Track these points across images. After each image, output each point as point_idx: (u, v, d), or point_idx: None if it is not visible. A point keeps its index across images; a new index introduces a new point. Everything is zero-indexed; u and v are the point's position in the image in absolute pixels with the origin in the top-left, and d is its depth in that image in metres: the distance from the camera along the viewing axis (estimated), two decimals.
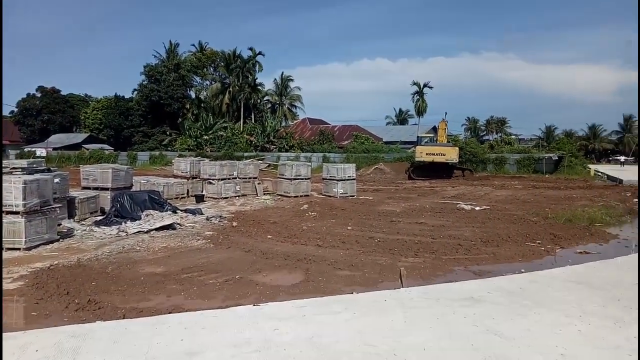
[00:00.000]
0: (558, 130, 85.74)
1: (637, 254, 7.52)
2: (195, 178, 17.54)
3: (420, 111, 66.45)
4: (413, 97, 68.27)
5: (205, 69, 63.08)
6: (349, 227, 11.13)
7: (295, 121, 64.02)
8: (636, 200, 17.89)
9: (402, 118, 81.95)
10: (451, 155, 29.80)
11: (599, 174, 35.76)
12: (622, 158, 68.00)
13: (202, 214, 12.12)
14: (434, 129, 40.07)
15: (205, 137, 48.49)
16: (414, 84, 67.53)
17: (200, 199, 15.58)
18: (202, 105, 57.98)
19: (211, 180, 16.64)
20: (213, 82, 62.04)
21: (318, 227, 11.19)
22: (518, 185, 25.39)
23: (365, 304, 4.60)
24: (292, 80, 64.75)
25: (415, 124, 68.03)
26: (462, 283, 5.54)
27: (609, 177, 31.84)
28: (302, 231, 10.53)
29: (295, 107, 65.42)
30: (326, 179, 18.41)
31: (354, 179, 18.55)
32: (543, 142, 74.55)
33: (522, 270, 6.88)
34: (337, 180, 17.85)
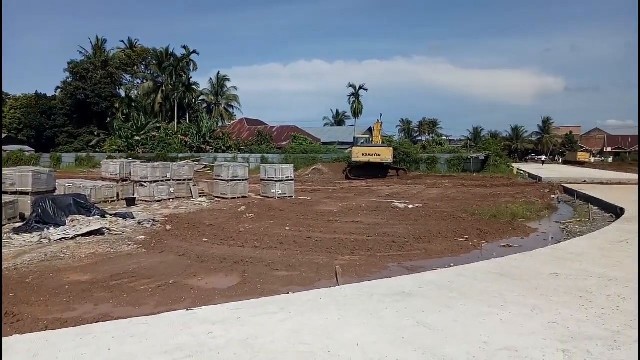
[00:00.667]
0: (485, 131, 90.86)
1: (551, 245, 8.15)
2: (126, 181, 16.79)
3: (357, 112, 67.78)
4: (349, 98, 69.53)
5: (135, 67, 60.48)
6: (287, 228, 11.13)
7: (232, 121, 63.02)
8: (553, 195, 19.37)
9: (339, 119, 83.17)
10: (386, 155, 30.64)
11: (521, 172, 38.29)
12: (544, 157, 73.30)
13: (133, 217, 11.61)
14: (370, 130, 40.98)
15: (137, 137, 46.50)
16: (350, 85, 68.80)
17: (131, 202, 14.92)
18: (133, 104, 55.48)
19: (143, 183, 15.99)
20: (144, 81, 59.61)
21: (256, 228, 11.09)
22: (448, 183, 26.60)
23: (301, 303, 4.62)
24: (228, 80, 63.69)
25: (352, 125, 69.34)
26: (395, 279, 5.71)
27: (530, 175, 34.19)
28: (239, 233, 10.39)
29: (232, 107, 64.39)
30: (264, 180, 18.29)
31: (292, 180, 18.58)
32: (471, 142, 78.57)
33: (451, 265, 7.23)
34: (276, 181, 17.79)
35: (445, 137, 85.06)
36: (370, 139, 33.98)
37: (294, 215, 13.29)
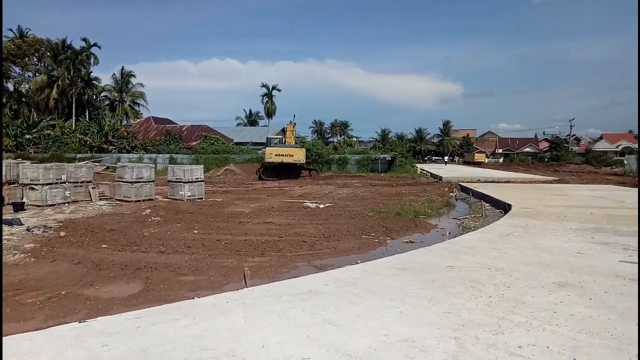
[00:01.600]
0: (392, 133, 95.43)
1: (448, 240, 8.76)
2: (13, 183, 15.20)
3: (270, 113, 67.64)
4: (263, 99, 69.15)
5: (27, 59, 55.01)
6: (195, 231, 10.78)
7: (138, 120, 59.74)
8: (452, 194, 20.81)
9: (252, 119, 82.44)
10: (299, 156, 30.91)
11: (424, 172, 40.69)
12: (446, 158, 78.64)
13: (21, 224, 10.55)
14: (283, 131, 41.12)
15: (28, 136, 42.40)
16: (263, 86, 68.48)
17: (19, 207, 13.52)
18: (24, 99, 50.44)
19: (33, 186, 14.58)
20: (37, 74, 54.41)
21: (162, 232, 10.61)
22: (358, 183, 27.49)
23: (206, 308, 4.49)
24: (134, 76, 60.30)
25: (266, 126, 69.01)
26: (303, 278, 5.77)
27: (432, 175, 36.44)
28: (143, 238, 9.86)
29: (138, 105, 61.10)
30: (172, 182, 17.56)
31: (202, 181, 18.03)
32: (379, 144, 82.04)
33: (358, 261, 7.46)
34: (184, 182, 17.15)
35: (355, 139, 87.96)
36: (284, 140, 34.07)
37: (203, 217, 12.91)
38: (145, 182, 16.62)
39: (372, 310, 4.40)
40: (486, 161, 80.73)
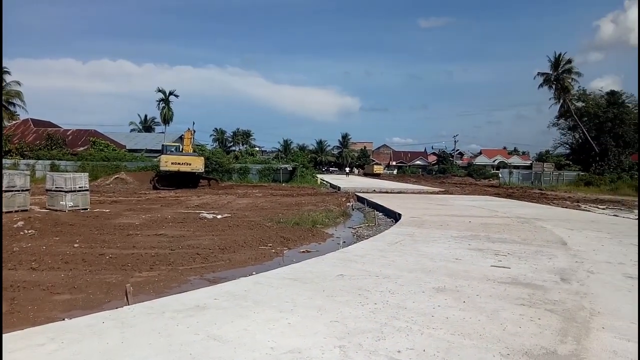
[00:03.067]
0: (294, 143, 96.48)
1: (341, 249, 9.01)
2: None
3: (167, 119, 64.71)
4: (159, 104, 65.91)
5: None
6: (75, 245, 9.87)
7: (13, 122, 53.66)
8: (348, 204, 21.52)
9: (147, 125, 78.32)
10: (197, 164, 29.94)
11: (324, 182, 41.68)
12: (347, 169, 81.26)
13: None
14: (181, 138, 39.56)
15: None
16: (159, 90, 65.32)
17: None
18: None
19: None
20: None
21: (35, 246, 9.56)
22: (258, 193, 27.31)
23: (78, 329, 4.10)
24: (8, 72, 54.01)
25: (162, 132, 65.92)
26: (192, 292, 5.53)
27: (331, 185, 37.44)
28: (12, 253, 8.80)
29: (14, 105, 54.79)
30: (51, 191, 15.97)
31: (87, 190, 16.64)
32: (282, 154, 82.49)
33: (253, 273, 7.35)
34: (66, 191, 15.69)
35: (258, 148, 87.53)
36: (181, 148, 32.79)
37: (86, 230, 11.88)
38: (18, 191, 14.91)
39: (260, 323, 4.33)
40: (385, 173, 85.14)
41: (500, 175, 52.33)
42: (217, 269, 8.27)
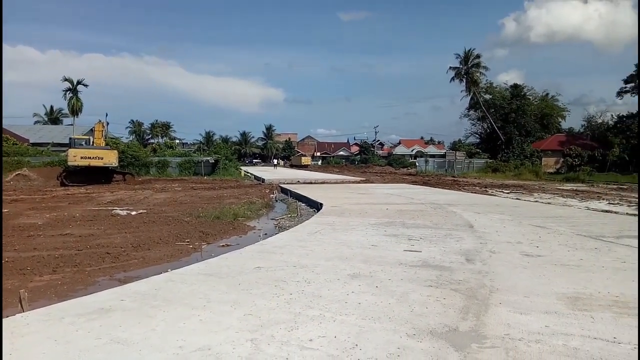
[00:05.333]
0: (216, 135, 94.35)
1: (261, 240, 8.94)
2: None
3: (75, 110, 60.21)
4: (65, 94, 61.08)
5: None
6: None
7: None
8: (272, 195, 21.44)
9: (54, 117, 72.50)
10: (110, 158, 28.25)
11: (248, 174, 41.18)
12: (275, 161, 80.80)
13: None
14: (92, 131, 37.05)
15: None
16: (66, 79, 60.50)
17: None
18: None
19: None
20: None
21: None
22: (178, 187, 26.36)
23: None
24: None
25: (71, 125, 61.32)
26: (96, 295, 5.19)
27: (256, 177, 37.09)
28: None
29: None
30: None
31: None
32: (204, 146, 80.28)
33: (169, 270, 7.06)
34: None
35: (178, 141, 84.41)
36: (92, 141, 30.70)
37: None
38: None
39: (170, 322, 4.17)
40: (312, 164, 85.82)
41: (417, 164, 54.95)
42: (129, 268, 7.86)
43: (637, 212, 14.04)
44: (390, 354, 3.53)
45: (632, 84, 54.00)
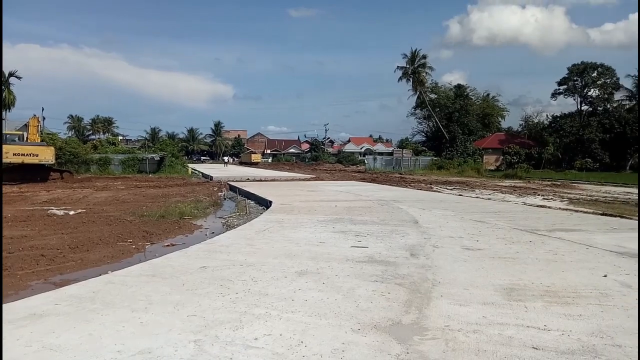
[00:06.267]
0: (163, 132, 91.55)
1: (208, 239, 8.77)
2: None
3: (7, 104, 56.42)
4: None
5: None
6: None
7: None
8: (220, 193, 21.08)
9: None
10: (46, 155, 26.71)
11: (196, 172, 40.28)
12: (226, 158, 79.22)
13: None
14: (26, 126, 34.85)
15: None
16: None
17: None
18: None
19: None
20: None
21: None
22: (121, 185, 25.35)
23: None
24: None
25: (3, 119, 57.37)
26: (28, 299, 4.90)
27: (203, 175, 36.33)
28: None
29: None
30: None
31: None
32: (149, 143, 77.70)
33: (109, 272, 6.77)
34: None
35: (121, 137, 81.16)
36: (26, 137, 28.87)
37: None
38: None
39: (108, 326, 4.00)
40: (262, 161, 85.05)
41: (366, 162, 55.84)
42: (65, 270, 7.46)
43: (567, 207, 14.99)
44: (335, 350, 3.57)
45: (565, 86, 57.68)
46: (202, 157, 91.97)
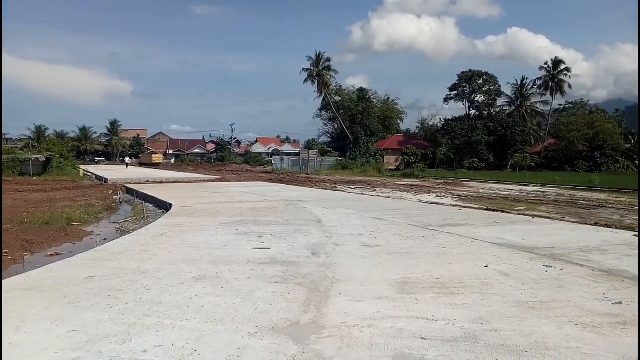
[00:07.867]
0: (50, 130, 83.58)
1: (98, 247, 8.12)
2: None
3: None
4: None
5: None
6: None
7: None
8: (116, 196, 19.72)
9: None
10: None
11: (89, 174, 37.34)
12: (127, 159, 74.00)
13: None
14: None
15: None
16: None
17: None
18: None
19: None
20: None
21: None
22: None
23: None
24: None
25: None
26: None
27: (97, 177, 33.78)
28: None
29: None
30: None
31: None
32: (34, 142, 70.65)
33: None
34: None
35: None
36: None
37: None
38: None
39: None
40: (164, 162, 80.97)
41: (273, 163, 55.79)
42: None
43: (457, 204, 16.22)
44: (230, 356, 3.46)
45: (456, 92, 62.68)
46: (97, 158, 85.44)
